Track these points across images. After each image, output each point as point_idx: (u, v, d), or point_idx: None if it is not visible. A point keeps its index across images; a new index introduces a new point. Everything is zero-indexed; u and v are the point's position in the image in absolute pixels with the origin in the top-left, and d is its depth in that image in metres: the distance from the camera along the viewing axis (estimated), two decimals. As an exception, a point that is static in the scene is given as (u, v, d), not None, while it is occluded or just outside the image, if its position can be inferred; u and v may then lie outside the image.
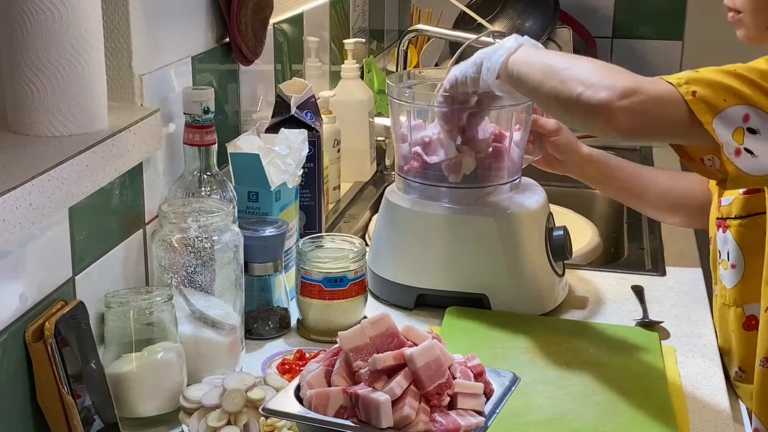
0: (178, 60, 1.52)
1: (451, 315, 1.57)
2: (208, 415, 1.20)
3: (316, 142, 1.70)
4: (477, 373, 1.12)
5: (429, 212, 1.59)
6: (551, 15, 2.70)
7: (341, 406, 1.07)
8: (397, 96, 1.63)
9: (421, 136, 1.60)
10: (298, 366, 1.39)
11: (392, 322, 1.12)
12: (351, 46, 2.23)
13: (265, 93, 1.91)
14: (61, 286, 1.23)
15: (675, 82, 1.28)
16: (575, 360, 1.44)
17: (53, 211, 1.11)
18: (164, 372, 1.27)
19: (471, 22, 2.51)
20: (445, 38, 2.57)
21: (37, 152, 1.15)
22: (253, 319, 1.51)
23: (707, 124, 1.25)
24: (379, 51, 2.86)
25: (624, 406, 1.32)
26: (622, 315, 1.60)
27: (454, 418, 1.06)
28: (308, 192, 1.73)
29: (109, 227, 1.35)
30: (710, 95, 1.26)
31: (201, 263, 1.34)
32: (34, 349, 1.15)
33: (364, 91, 2.26)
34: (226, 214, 1.37)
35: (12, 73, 1.19)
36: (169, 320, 1.29)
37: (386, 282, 1.63)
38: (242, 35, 1.66)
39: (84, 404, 1.18)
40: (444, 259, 1.58)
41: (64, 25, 1.18)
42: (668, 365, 1.43)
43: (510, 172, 1.62)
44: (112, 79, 1.37)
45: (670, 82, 1.28)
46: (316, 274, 1.50)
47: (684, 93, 1.26)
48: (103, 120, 1.25)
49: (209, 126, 1.45)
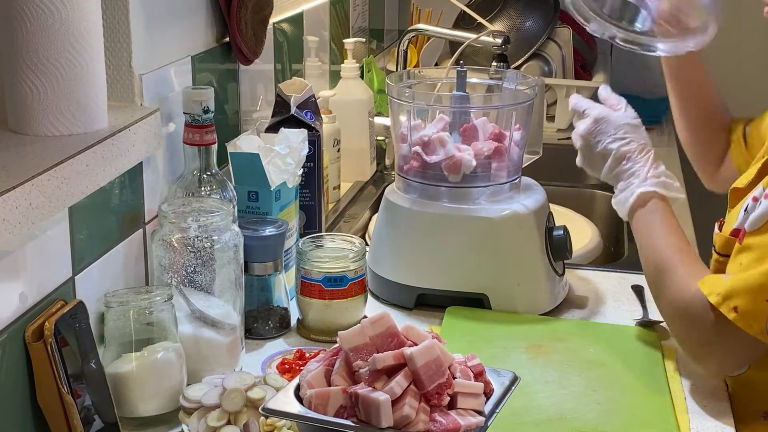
0: (178, 59, 1.52)
1: (451, 315, 1.57)
2: (208, 414, 1.20)
3: (316, 141, 1.70)
4: (477, 373, 1.12)
5: (429, 212, 1.59)
6: (551, 15, 2.70)
7: (341, 406, 1.07)
8: (396, 96, 1.63)
9: (421, 135, 1.60)
10: (298, 366, 1.39)
11: (392, 322, 1.12)
12: (351, 45, 2.23)
13: (265, 92, 1.90)
14: (61, 285, 1.23)
15: (714, 301, 1.28)
16: (575, 360, 1.44)
17: (53, 210, 1.11)
18: (164, 372, 1.27)
19: (471, 22, 2.51)
20: (445, 38, 2.57)
21: (37, 152, 1.15)
22: (253, 318, 1.51)
23: (761, 333, 1.27)
24: (379, 50, 2.86)
25: (624, 406, 1.32)
26: (622, 315, 1.60)
27: (454, 417, 1.06)
28: (308, 192, 1.73)
29: (109, 227, 1.35)
30: (751, 306, 1.26)
31: (201, 263, 1.34)
32: (34, 348, 1.15)
33: (364, 90, 2.26)
34: (226, 214, 1.37)
35: (12, 72, 1.19)
36: (169, 320, 1.29)
37: (386, 282, 1.63)
38: (242, 35, 1.66)
39: (84, 404, 1.18)
40: (444, 259, 1.58)
41: (64, 24, 1.18)
42: (668, 365, 1.43)
43: (510, 172, 1.62)
44: (112, 79, 1.37)
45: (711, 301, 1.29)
46: (316, 274, 1.49)
47: (726, 312, 1.27)
48: (103, 120, 1.25)
49: (209, 125, 1.45)
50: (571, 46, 2.74)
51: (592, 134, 1.51)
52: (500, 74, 1.76)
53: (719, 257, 1.45)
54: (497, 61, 2.15)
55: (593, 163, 1.52)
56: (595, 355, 1.45)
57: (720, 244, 1.44)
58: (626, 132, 1.49)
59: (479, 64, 2.47)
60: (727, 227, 1.45)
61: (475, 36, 2.13)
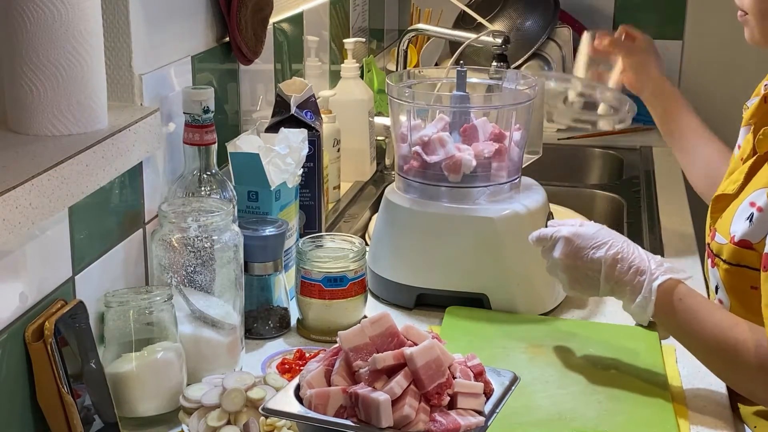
0: (178, 59, 1.52)
1: (451, 315, 1.57)
2: (208, 414, 1.20)
3: (315, 141, 1.70)
4: (477, 373, 1.12)
5: (429, 212, 1.59)
6: (551, 15, 2.70)
7: (341, 406, 1.07)
8: (396, 95, 1.63)
9: (421, 135, 1.60)
10: (298, 366, 1.39)
11: (392, 322, 1.12)
12: (351, 45, 2.23)
13: (265, 92, 1.91)
14: (61, 285, 1.23)
15: None
16: (575, 360, 1.44)
17: (53, 210, 1.11)
18: (164, 372, 1.27)
19: (471, 22, 2.50)
20: (445, 38, 2.57)
21: (37, 152, 1.15)
22: (253, 318, 1.51)
23: None
24: (379, 50, 2.86)
25: (624, 406, 1.32)
26: (622, 315, 1.60)
27: (454, 417, 1.06)
28: (308, 191, 1.73)
29: (108, 227, 1.35)
30: None
31: (201, 263, 1.34)
32: (34, 348, 1.15)
33: (364, 90, 2.26)
34: (226, 214, 1.37)
35: (12, 72, 1.19)
36: (168, 320, 1.29)
37: (386, 282, 1.63)
38: (242, 34, 1.66)
39: (84, 404, 1.18)
40: (444, 259, 1.58)
41: (64, 24, 1.18)
42: (668, 365, 1.43)
43: (510, 172, 1.62)
44: (111, 79, 1.37)
45: None
46: (316, 274, 1.49)
47: None
48: (103, 119, 1.25)
49: (209, 125, 1.45)
50: (571, 46, 2.74)
51: (570, 254, 1.39)
52: (500, 74, 1.76)
53: (729, 266, 1.44)
54: (497, 61, 2.15)
55: (584, 282, 1.40)
56: (595, 355, 1.45)
57: (729, 253, 1.43)
58: (603, 236, 1.39)
59: (479, 64, 2.48)
60: (725, 235, 1.45)
61: (475, 36, 2.13)
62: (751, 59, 2.61)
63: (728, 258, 1.44)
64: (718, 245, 1.47)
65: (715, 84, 2.94)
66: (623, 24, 1.93)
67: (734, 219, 1.45)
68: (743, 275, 1.43)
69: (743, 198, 1.45)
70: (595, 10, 3.01)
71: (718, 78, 2.95)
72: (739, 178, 1.50)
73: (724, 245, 1.45)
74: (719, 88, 2.90)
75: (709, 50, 2.97)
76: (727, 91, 2.87)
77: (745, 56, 2.69)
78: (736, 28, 1.59)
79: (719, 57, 2.94)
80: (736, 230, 1.43)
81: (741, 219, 1.42)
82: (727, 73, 2.91)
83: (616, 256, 1.37)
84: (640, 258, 1.37)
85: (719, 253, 1.47)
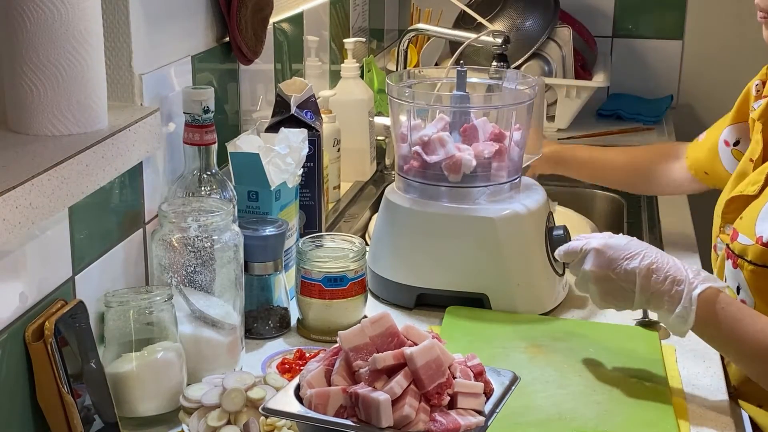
0: (178, 59, 1.52)
1: (451, 315, 1.57)
2: (208, 414, 1.20)
3: (316, 141, 1.70)
4: (477, 373, 1.12)
5: (429, 212, 1.59)
6: (551, 14, 2.70)
7: (341, 406, 1.07)
8: (397, 95, 1.63)
9: (421, 135, 1.60)
10: (298, 365, 1.39)
11: (392, 322, 1.12)
12: (351, 45, 2.22)
13: (265, 92, 1.90)
14: (61, 285, 1.23)
15: None
16: (575, 360, 1.44)
17: (53, 210, 1.11)
18: (164, 371, 1.27)
19: (471, 22, 2.50)
20: (445, 38, 2.57)
21: (37, 151, 1.15)
22: (253, 318, 1.51)
23: None
24: (379, 50, 2.86)
25: (624, 406, 1.32)
26: (622, 315, 1.60)
27: (454, 417, 1.06)
28: (308, 191, 1.73)
29: (108, 227, 1.35)
30: None
31: (201, 263, 1.34)
32: (34, 348, 1.15)
33: (364, 90, 2.26)
34: (226, 214, 1.37)
35: (12, 72, 1.19)
36: (169, 320, 1.29)
37: (386, 282, 1.63)
38: (242, 34, 1.66)
39: (84, 404, 1.18)
40: (444, 259, 1.58)
41: (64, 24, 1.18)
42: (668, 365, 1.43)
43: (510, 172, 1.62)
44: (112, 79, 1.37)
45: None
46: (316, 274, 1.49)
47: None
48: (103, 119, 1.25)
49: (209, 125, 1.45)
50: (571, 46, 2.74)
51: (603, 266, 1.37)
52: (500, 74, 1.76)
53: (755, 267, 1.43)
54: (497, 61, 2.15)
55: (617, 294, 1.37)
56: (595, 355, 1.45)
57: (755, 254, 1.43)
58: (635, 247, 1.36)
59: (479, 64, 2.47)
60: (750, 236, 1.44)
61: (475, 36, 2.13)
62: (750, 59, 2.61)
63: (754, 259, 1.43)
64: (742, 246, 1.45)
65: (714, 84, 2.94)
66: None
67: (759, 220, 1.43)
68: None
69: (767, 198, 1.44)
70: (595, 10, 3.01)
71: (718, 78, 2.95)
72: (759, 179, 1.49)
73: (749, 246, 1.44)
74: (719, 88, 2.90)
75: (709, 50, 2.97)
76: (726, 91, 2.87)
77: (744, 56, 2.69)
78: (736, 28, 1.60)
79: (719, 57, 2.95)
80: (763, 231, 1.41)
81: (767, 220, 1.41)
82: (726, 73, 2.91)
83: (650, 266, 1.34)
84: (676, 267, 1.34)
85: (743, 254, 1.45)
